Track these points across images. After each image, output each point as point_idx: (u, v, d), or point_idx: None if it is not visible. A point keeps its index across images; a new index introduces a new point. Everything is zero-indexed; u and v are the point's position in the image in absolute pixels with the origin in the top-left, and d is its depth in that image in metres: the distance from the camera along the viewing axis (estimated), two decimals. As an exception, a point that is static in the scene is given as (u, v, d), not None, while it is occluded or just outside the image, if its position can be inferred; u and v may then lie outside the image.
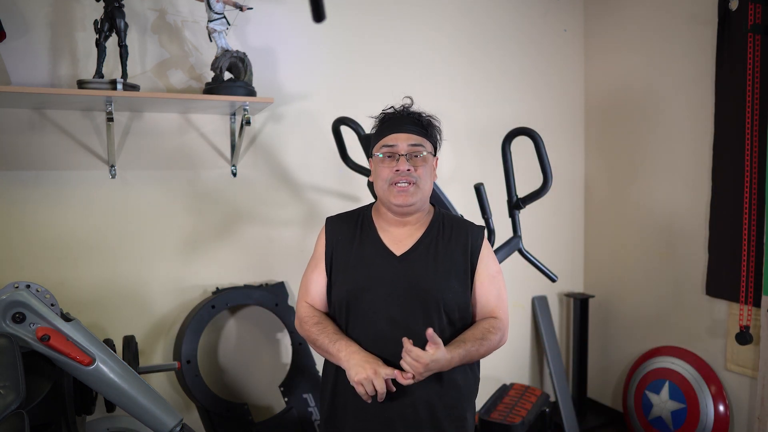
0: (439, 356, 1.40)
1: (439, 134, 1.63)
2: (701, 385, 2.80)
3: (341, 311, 1.57)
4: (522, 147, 2.55)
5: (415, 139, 1.54)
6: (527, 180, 2.61)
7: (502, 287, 1.62)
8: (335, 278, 1.60)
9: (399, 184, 1.51)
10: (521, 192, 2.43)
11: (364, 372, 1.41)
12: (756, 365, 2.59)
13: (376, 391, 1.41)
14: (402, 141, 1.53)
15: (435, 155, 1.62)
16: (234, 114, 2.54)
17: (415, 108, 1.60)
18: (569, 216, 3.49)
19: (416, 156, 1.54)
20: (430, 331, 1.41)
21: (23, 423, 1.45)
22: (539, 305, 3.36)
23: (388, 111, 1.60)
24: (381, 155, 1.55)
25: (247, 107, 2.30)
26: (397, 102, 1.63)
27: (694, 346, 2.89)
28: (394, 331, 1.49)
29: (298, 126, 2.71)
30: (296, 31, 2.68)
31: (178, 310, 2.54)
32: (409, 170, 1.51)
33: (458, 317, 1.55)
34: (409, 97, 1.61)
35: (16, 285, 1.68)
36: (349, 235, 1.61)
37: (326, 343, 1.51)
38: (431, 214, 1.64)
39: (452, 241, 1.58)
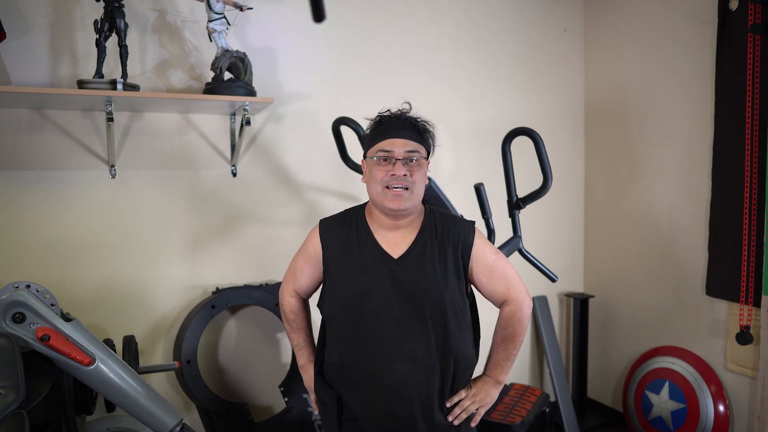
0: (471, 399, 1.63)
1: (433, 139, 1.65)
2: (701, 385, 2.80)
3: (344, 315, 1.59)
4: (522, 147, 2.55)
5: (411, 144, 1.56)
6: (527, 180, 2.62)
7: (505, 266, 1.64)
8: (335, 282, 1.62)
9: (394, 189, 1.53)
10: (521, 192, 2.43)
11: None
12: (756, 365, 2.59)
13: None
14: (399, 146, 1.55)
15: (428, 159, 1.64)
16: (234, 114, 2.54)
17: (412, 113, 1.62)
18: (569, 216, 3.49)
19: (411, 161, 1.56)
20: (448, 408, 1.61)
21: (23, 423, 1.45)
22: (539, 305, 3.36)
23: (385, 114, 1.61)
24: (376, 158, 1.56)
25: (247, 107, 2.30)
26: (395, 104, 1.65)
27: (694, 346, 2.89)
28: (399, 331, 1.53)
29: (298, 126, 2.71)
30: (296, 31, 2.68)
31: (178, 310, 2.54)
32: (405, 175, 1.53)
33: (459, 311, 1.59)
34: (407, 103, 1.63)
35: (16, 285, 1.68)
36: (345, 239, 1.62)
37: (295, 346, 1.79)
38: (422, 215, 1.65)
39: (444, 240, 1.60)
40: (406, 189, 1.54)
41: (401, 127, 1.57)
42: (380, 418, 1.56)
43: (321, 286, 1.72)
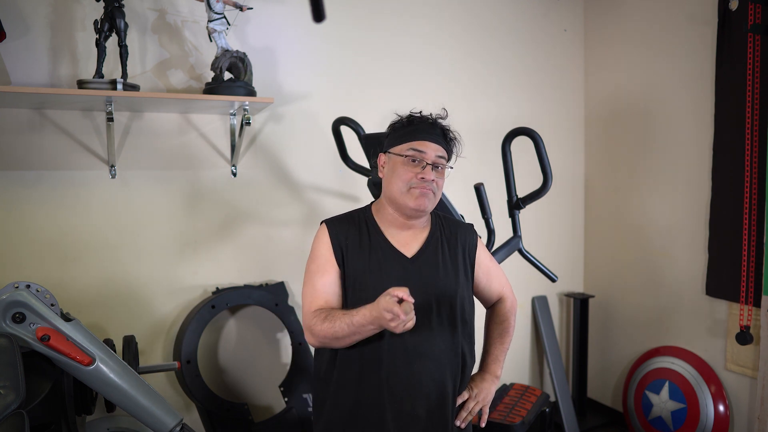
0: (474, 400, 1.64)
1: (456, 151, 1.67)
2: (701, 385, 2.80)
3: None
4: (522, 147, 2.55)
5: (442, 151, 1.58)
6: (527, 180, 2.61)
7: (497, 267, 1.77)
8: (352, 283, 1.57)
9: (421, 189, 1.54)
10: (521, 192, 2.43)
11: (383, 302, 1.34)
12: (756, 365, 2.59)
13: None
14: (432, 150, 1.56)
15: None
16: (234, 114, 2.54)
17: (443, 121, 1.64)
18: (569, 216, 3.49)
19: (438, 167, 1.58)
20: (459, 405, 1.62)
21: (23, 423, 1.45)
22: (539, 305, 3.36)
23: (418, 114, 1.62)
24: (405, 157, 1.55)
25: (247, 107, 2.30)
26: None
27: (694, 346, 2.89)
28: (417, 330, 1.51)
29: (298, 126, 2.71)
30: (296, 32, 2.68)
31: (178, 310, 2.54)
32: (433, 180, 1.55)
33: (467, 310, 1.63)
34: (444, 109, 1.65)
35: (16, 285, 1.68)
36: (356, 239, 1.59)
37: (347, 320, 1.44)
38: (430, 218, 1.69)
39: (452, 241, 1.65)
40: (431, 192, 1.56)
41: (435, 131, 1.58)
42: (401, 418, 1.53)
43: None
